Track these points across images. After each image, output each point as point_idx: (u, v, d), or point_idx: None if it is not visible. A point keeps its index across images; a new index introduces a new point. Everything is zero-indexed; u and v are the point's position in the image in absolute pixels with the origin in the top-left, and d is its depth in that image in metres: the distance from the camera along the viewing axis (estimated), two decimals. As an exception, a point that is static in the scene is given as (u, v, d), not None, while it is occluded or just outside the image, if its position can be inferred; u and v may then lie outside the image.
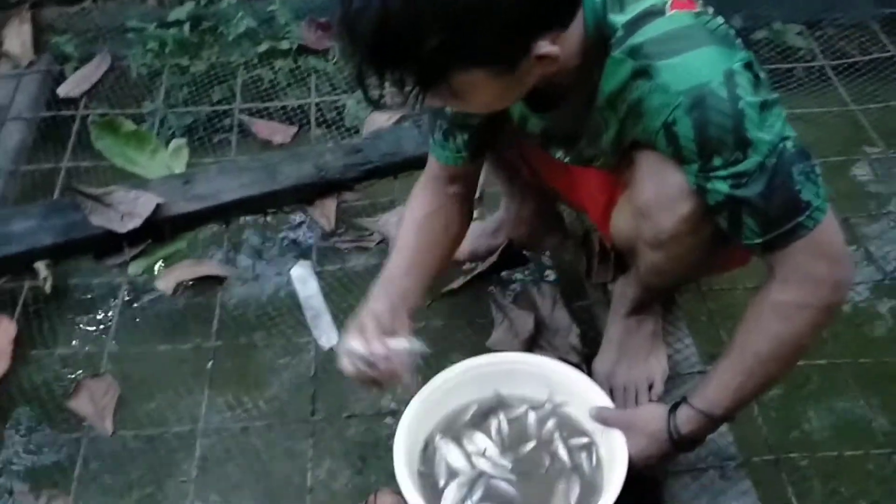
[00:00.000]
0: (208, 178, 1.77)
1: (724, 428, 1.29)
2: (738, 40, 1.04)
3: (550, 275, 1.65)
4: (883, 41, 2.21)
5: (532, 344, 1.47)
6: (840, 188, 1.81)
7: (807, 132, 1.94)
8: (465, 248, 1.64)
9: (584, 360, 1.43)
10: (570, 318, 1.52)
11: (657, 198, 1.08)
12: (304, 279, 1.58)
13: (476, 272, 1.62)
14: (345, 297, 1.61)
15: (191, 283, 1.63)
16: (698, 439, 1.16)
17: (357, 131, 1.97)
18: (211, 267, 1.65)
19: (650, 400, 1.36)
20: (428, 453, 1.29)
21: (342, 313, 1.56)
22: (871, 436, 1.33)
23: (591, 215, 1.43)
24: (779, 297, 1.03)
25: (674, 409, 1.15)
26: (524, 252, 1.67)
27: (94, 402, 1.41)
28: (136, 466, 1.36)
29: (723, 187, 0.98)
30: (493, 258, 1.63)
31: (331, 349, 1.51)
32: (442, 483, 1.25)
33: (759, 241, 1.00)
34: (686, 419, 1.13)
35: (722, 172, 0.97)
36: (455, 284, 1.62)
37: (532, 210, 1.58)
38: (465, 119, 1.20)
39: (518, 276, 1.64)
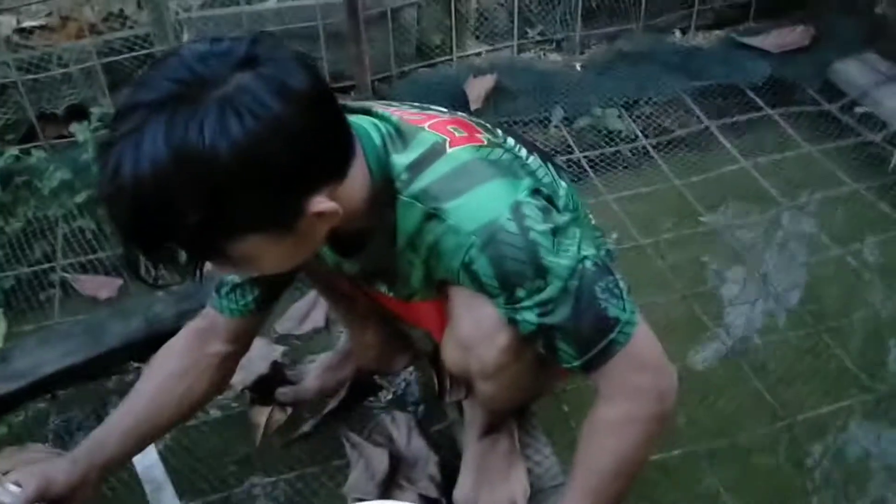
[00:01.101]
0: (27, 351, 1.64)
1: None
2: (528, 163, 1.05)
3: (408, 397, 1.59)
4: (697, 113, 2.33)
5: (390, 482, 1.40)
6: (677, 264, 1.86)
7: (639, 210, 2.02)
8: (313, 385, 1.58)
9: (445, 493, 1.37)
10: (428, 446, 1.46)
11: (475, 332, 1.05)
12: (141, 448, 1.46)
13: (327, 410, 1.55)
14: (185, 458, 1.49)
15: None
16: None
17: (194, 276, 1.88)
18: (35, 453, 1.50)
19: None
20: None
21: (183, 480, 1.45)
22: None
23: (435, 336, 1.39)
24: (607, 414, 1.02)
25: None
26: (375, 379, 1.62)
27: None
28: None
29: (531, 317, 0.96)
30: (343, 392, 1.56)
31: (175, 524, 1.40)
32: None
33: (577, 363, 0.99)
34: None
35: (527, 303, 0.96)
36: (306, 427, 1.54)
37: (376, 334, 1.52)
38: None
39: (372, 408, 1.58)
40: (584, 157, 2.20)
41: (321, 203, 0.88)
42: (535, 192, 0.97)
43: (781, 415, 1.50)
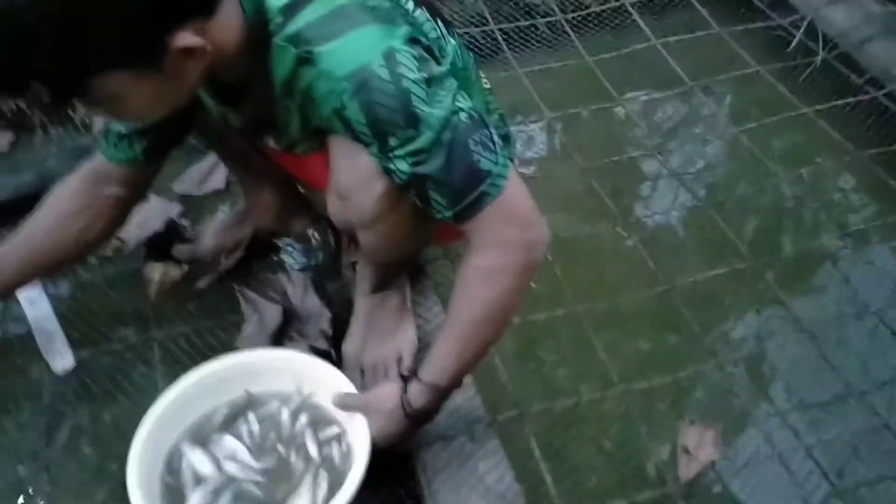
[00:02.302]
0: None
1: (470, 391, 1.33)
2: (412, 14, 1.04)
3: (301, 259, 1.62)
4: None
5: (281, 335, 1.44)
6: (581, 141, 1.90)
7: (550, 86, 2.03)
8: (209, 243, 1.58)
9: (334, 345, 1.41)
10: (322, 303, 1.49)
11: (352, 181, 1.06)
12: (32, 298, 1.45)
13: (223, 268, 1.56)
14: (79, 309, 1.50)
15: None
16: (432, 411, 1.18)
17: (88, 128, 1.83)
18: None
19: (400, 374, 1.37)
20: (173, 464, 1.24)
21: (77, 330, 1.46)
22: (606, 378, 1.40)
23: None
24: (478, 263, 1.05)
25: (406, 385, 1.16)
26: (273, 240, 1.63)
27: None
28: None
29: (404, 166, 0.98)
30: (240, 251, 1.57)
31: (66, 372, 1.42)
32: (188, 492, 1.20)
33: (449, 213, 1.01)
34: (417, 393, 1.14)
35: (399, 151, 0.97)
36: (202, 283, 1.55)
37: (273, 195, 1.53)
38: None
39: (268, 266, 1.60)
40: (500, 29, 2.18)
41: (186, 38, 0.86)
42: (413, 40, 0.96)
43: (661, 280, 1.58)
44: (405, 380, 1.17)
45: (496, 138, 1.01)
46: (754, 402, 1.39)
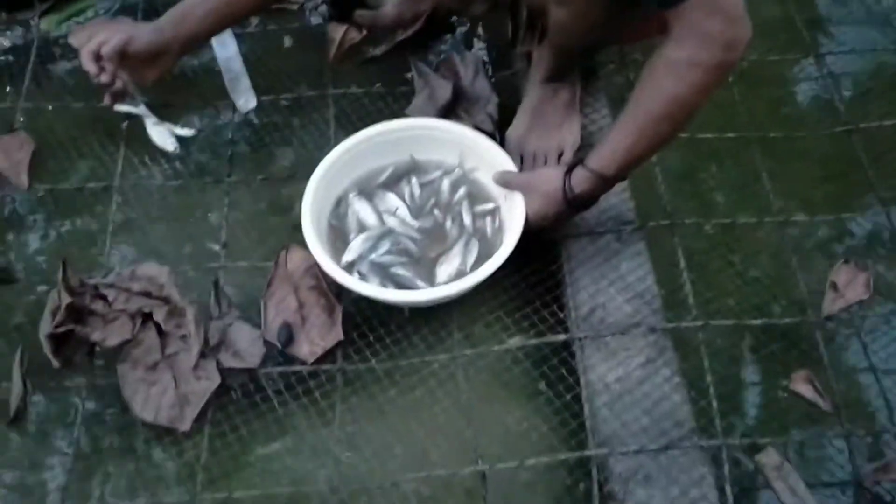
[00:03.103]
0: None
1: (625, 195, 1.35)
2: None
3: (476, 43, 1.62)
4: None
5: (449, 112, 1.47)
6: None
7: None
8: (390, 12, 1.60)
9: (499, 130, 1.44)
10: (491, 87, 1.51)
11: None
12: (223, 41, 1.53)
13: (400, 39, 1.58)
14: (265, 60, 1.58)
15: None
16: (591, 199, 1.20)
17: None
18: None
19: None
20: (340, 209, 1.34)
21: (261, 77, 1.54)
22: (767, 206, 1.38)
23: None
24: (672, 54, 1.03)
25: (570, 170, 1.18)
26: (451, 19, 1.63)
27: (9, 157, 1.41)
28: (54, 216, 1.39)
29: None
30: (419, 25, 1.58)
31: (248, 112, 1.51)
32: (352, 236, 1.30)
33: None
34: (580, 179, 1.17)
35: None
36: (377, 51, 1.59)
37: (459, -27, 1.52)
38: None
39: (443, 45, 1.61)
40: None
41: None
42: None
43: (843, 120, 1.50)
44: (569, 167, 1.19)
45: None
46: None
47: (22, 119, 1.49)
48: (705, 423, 1.14)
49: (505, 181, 1.27)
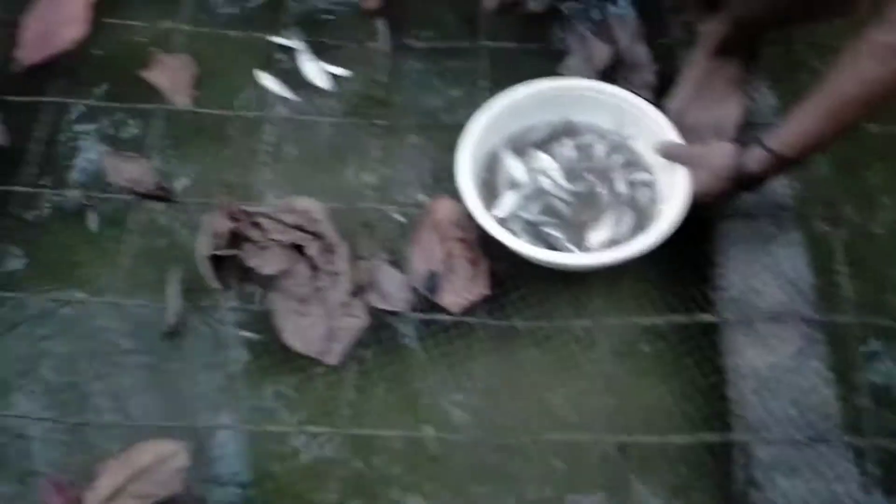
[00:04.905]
0: None
1: (784, 179, 1.30)
2: None
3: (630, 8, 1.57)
4: None
5: (606, 76, 1.44)
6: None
7: None
8: (550, -30, 1.57)
9: (657, 98, 1.40)
10: (650, 54, 1.47)
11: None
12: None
13: (559, -4, 1.56)
14: (420, 6, 1.57)
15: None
16: (762, 180, 1.17)
17: None
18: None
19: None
20: (492, 164, 1.32)
21: (417, 24, 1.54)
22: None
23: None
24: (881, 37, 0.98)
25: (744, 147, 1.15)
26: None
27: (170, 76, 1.43)
28: (207, 140, 1.40)
29: None
30: (578, -16, 1.55)
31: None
32: (502, 193, 1.29)
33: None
34: (756, 158, 1.13)
35: None
36: (534, 5, 1.56)
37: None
38: None
39: (601, 8, 1.57)
40: None
41: None
42: None
43: None
44: (743, 143, 1.16)
45: None
46: None
47: (181, 41, 1.51)
48: (854, 420, 1.11)
49: (670, 153, 1.24)
